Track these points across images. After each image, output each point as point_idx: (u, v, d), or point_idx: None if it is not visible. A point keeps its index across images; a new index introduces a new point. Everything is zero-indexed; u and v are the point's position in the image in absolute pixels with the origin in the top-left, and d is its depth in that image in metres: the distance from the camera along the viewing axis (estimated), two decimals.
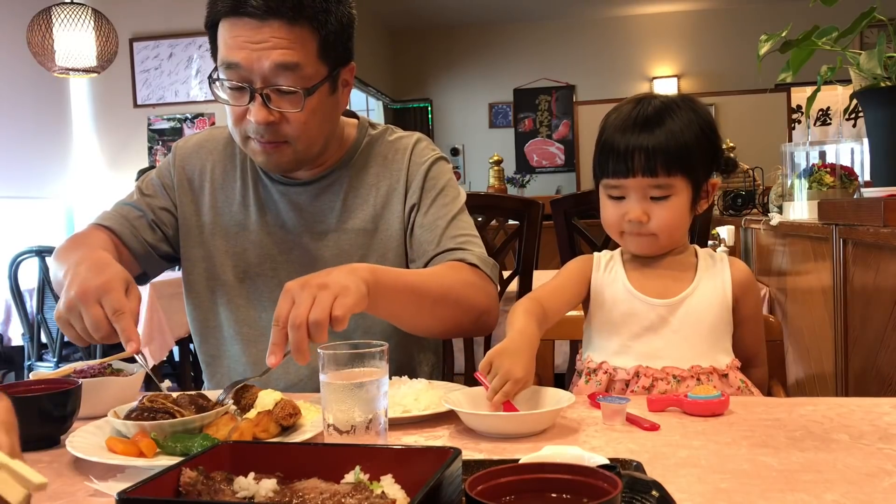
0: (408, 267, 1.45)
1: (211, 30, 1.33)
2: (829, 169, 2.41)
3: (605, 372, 1.32)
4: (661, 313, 1.32)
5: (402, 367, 1.46)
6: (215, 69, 1.32)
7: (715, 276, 1.36)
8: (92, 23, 4.40)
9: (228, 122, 1.36)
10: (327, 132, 1.39)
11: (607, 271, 1.38)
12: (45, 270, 3.72)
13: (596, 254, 1.42)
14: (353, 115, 1.53)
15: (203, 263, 1.49)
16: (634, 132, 1.27)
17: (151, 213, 1.49)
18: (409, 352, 1.52)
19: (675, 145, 1.26)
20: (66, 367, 1.26)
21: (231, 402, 1.08)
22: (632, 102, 1.33)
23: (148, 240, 1.48)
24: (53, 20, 4.33)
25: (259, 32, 1.25)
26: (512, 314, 1.26)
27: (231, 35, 1.27)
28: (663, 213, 1.29)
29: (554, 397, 1.11)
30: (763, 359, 1.43)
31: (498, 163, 6.16)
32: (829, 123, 8.36)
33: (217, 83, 1.31)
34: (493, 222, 2.52)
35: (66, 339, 3.74)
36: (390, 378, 1.01)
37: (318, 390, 0.92)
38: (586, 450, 0.78)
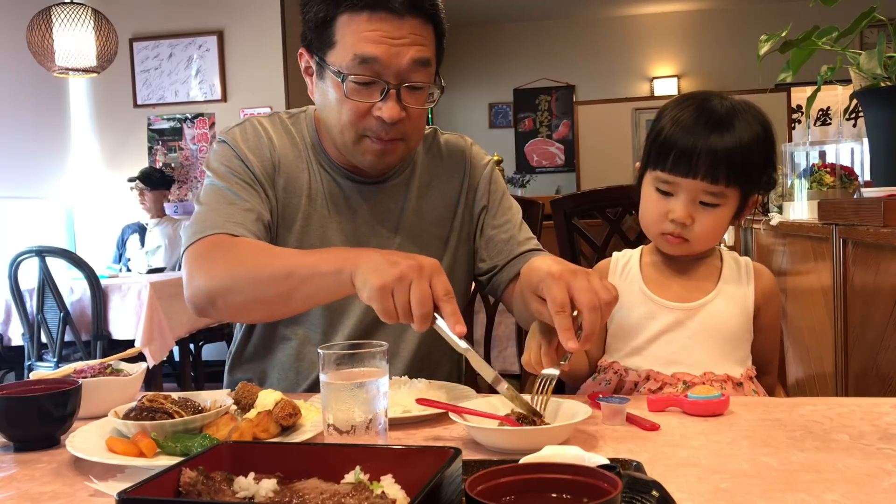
0: (475, 264, 1.50)
1: (324, 24, 1.28)
2: (829, 169, 2.41)
3: (616, 372, 1.31)
4: (678, 317, 1.30)
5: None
6: (321, 62, 1.29)
7: (739, 285, 1.33)
8: (92, 23, 4.41)
9: (341, 118, 1.30)
10: None
11: (623, 275, 1.36)
12: (45, 270, 3.72)
13: (615, 255, 1.40)
14: None
15: None
16: (705, 132, 1.23)
17: (266, 213, 1.36)
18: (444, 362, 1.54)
19: (741, 154, 1.22)
20: (66, 367, 1.26)
21: (230, 400, 1.09)
22: (697, 99, 1.28)
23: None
24: (53, 20, 4.33)
25: (399, 28, 1.25)
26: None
27: (369, 29, 1.25)
28: (708, 221, 1.26)
29: (570, 410, 1.05)
30: (774, 367, 1.41)
31: (498, 163, 6.15)
32: (829, 123, 8.35)
33: (338, 78, 1.27)
34: None
35: (66, 338, 3.76)
36: (390, 378, 1.01)
37: None
38: (586, 450, 0.78)
